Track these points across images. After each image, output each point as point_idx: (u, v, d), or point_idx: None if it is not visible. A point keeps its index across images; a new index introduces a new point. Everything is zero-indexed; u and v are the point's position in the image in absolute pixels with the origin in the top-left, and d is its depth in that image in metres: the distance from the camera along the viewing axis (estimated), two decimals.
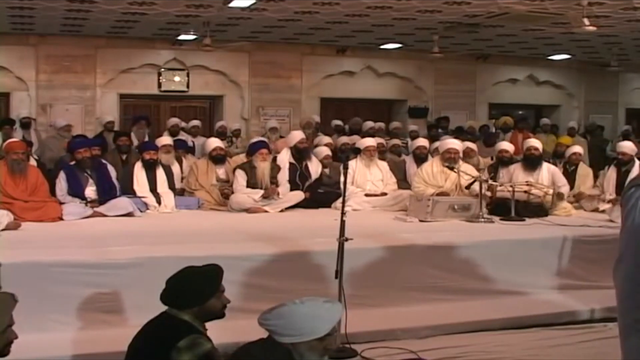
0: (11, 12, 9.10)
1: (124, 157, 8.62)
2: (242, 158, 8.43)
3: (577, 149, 8.33)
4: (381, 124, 11.84)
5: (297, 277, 5.04)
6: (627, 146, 7.92)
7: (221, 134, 10.61)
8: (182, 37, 11.09)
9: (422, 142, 8.95)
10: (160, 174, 7.68)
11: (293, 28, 10.47)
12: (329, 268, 4.45)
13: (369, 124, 11.55)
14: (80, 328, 4.56)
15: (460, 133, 11.30)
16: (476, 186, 7.01)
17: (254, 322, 2.91)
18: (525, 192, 7.17)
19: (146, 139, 10.25)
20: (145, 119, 10.67)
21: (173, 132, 10.25)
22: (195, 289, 3.13)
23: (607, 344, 4.47)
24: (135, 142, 9.91)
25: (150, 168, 7.62)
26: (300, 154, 8.18)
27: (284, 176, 7.85)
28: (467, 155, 8.55)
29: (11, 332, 2.73)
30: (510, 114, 14.01)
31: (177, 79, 12.09)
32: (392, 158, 9.51)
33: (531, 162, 7.56)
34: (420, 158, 8.50)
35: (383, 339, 4.62)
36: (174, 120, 10.77)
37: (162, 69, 11.98)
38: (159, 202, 7.41)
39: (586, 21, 8.01)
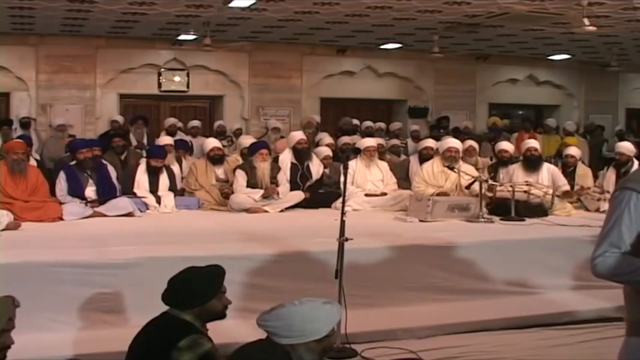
0: (11, 12, 9.10)
1: (122, 157, 8.63)
2: (236, 159, 8.41)
3: (572, 151, 8.26)
4: (381, 124, 11.85)
5: (297, 277, 5.04)
6: (625, 147, 7.92)
7: (220, 134, 10.62)
8: (182, 37, 11.09)
9: (429, 142, 8.78)
10: (164, 178, 7.65)
11: (293, 28, 10.47)
12: (329, 268, 4.45)
13: (368, 123, 11.56)
14: (80, 328, 4.56)
15: (457, 133, 11.30)
16: (476, 186, 7.02)
17: (253, 322, 2.91)
18: (525, 192, 7.18)
19: (144, 138, 10.29)
20: (143, 119, 10.69)
21: (171, 132, 10.27)
22: (196, 290, 3.13)
23: (607, 344, 4.47)
24: (134, 142, 9.93)
25: (154, 173, 7.60)
26: (301, 154, 8.19)
27: (284, 176, 7.86)
28: (468, 154, 8.58)
29: (7, 337, 2.63)
30: (510, 114, 14.08)
31: (177, 79, 12.08)
32: (392, 158, 9.52)
33: (531, 162, 7.58)
34: (426, 158, 8.41)
35: (383, 339, 4.62)
36: (171, 121, 10.81)
37: (162, 69, 11.97)
38: (158, 202, 7.42)
39: (586, 21, 8.01)
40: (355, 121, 11.67)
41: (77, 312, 4.59)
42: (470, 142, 8.90)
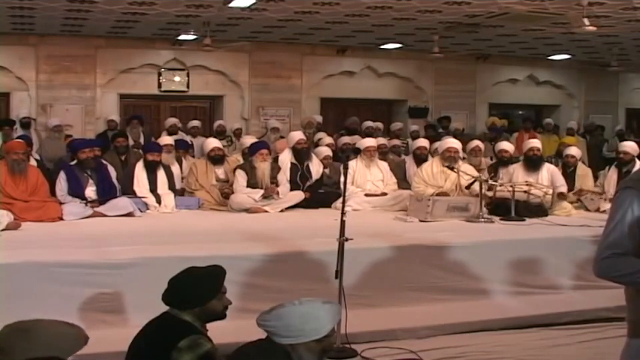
0: (11, 12, 9.10)
1: (123, 157, 8.63)
2: (237, 159, 8.41)
3: (572, 151, 8.25)
4: (379, 124, 11.82)
5: (297, 277, 5.04)
6: (629, 146, 7.90)
7: (220, 134, 10.62)
8: (182, 37, 11.09)
9: (423, 142, 8.95)
10: (161, 175, 7.67)
11: (293, 28, 10.47)
12: (329, 268, 4.45)
13: (368, 123, 11.55)
14: None
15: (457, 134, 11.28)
16: (476, 186, 7.01)
17: (253, 322, 2.91)
18: (525, 192, 7.17)
19: (141, 137, 10.29)
20: (138, 118, 10.69)
21: (171, 132, 10.27)
22: (197, 290, 3.13)
23: (607, 344, 4.48)
24: (130, 142, 9.93)
25: (151, 169, 7.62)
26: (300, 154, 8.19)
27: (284, 176, 7.86)
28: (474, 153, 8.57)
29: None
30: (510, 114, 14.07)
31: (177, 79, 12.09)
32: (393, 158, 9.52)
33: (532, 162, 7.57)
34: (421, 158, 8.49)
35: (383, 339, 4.62)
36: (172, 120, 10.82)
37: (162, 69, 11.98)
38: (159, 202, 7.42)
39: (586, 21, 8.01)
40: None
41: (77, 312, 4.57)
42: (477, 142, 8.89)
